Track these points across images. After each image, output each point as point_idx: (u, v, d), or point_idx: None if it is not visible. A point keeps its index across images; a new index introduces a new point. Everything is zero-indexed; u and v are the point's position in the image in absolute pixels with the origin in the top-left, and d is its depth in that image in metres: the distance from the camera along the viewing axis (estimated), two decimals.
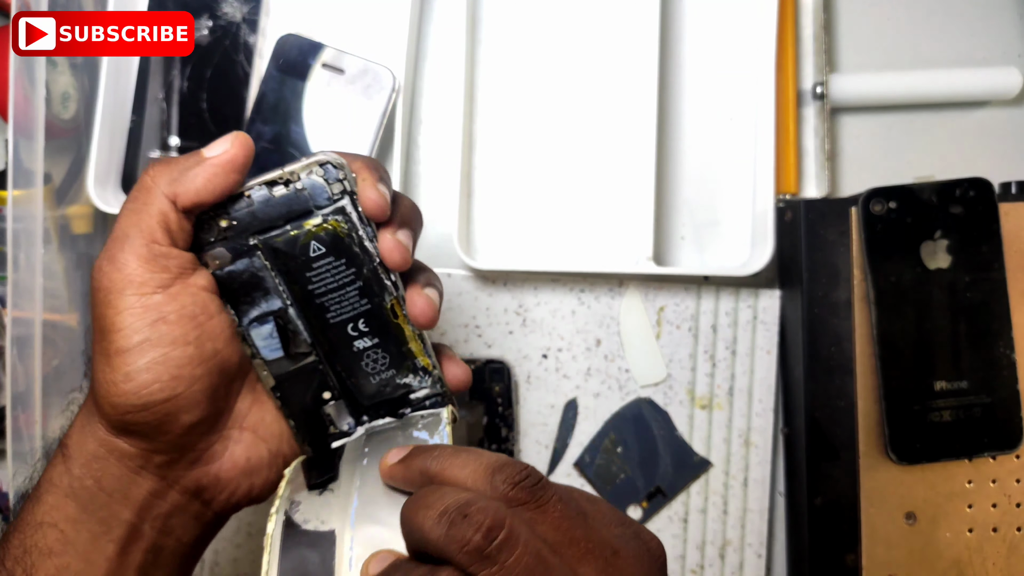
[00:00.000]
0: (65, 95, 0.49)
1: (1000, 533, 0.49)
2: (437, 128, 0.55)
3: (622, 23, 0.55)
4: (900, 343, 0.48)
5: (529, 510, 0.26)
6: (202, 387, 0.31)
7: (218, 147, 0.32)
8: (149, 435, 0.31)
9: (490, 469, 0.27)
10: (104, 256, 0.31)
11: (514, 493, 0.26)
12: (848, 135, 0.56)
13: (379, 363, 0.35)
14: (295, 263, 0.33)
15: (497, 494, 0.26)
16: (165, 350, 0.30)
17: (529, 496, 0.26)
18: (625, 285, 0.54)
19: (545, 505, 0.26)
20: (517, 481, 0.26)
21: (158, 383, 0.30)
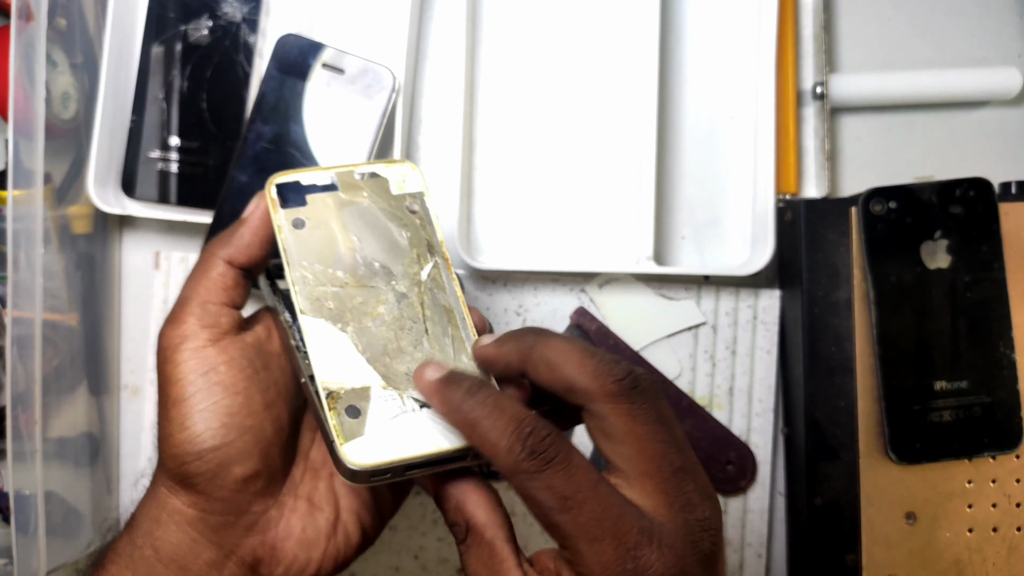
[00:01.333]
0: (65, 95, 0.49)
1: (1000, 533, 0.49)
2: (437, 128, 0.55)
3: (622, 23, 0.55)
4: (900, 343, 0.48)
5: (652, 396, 0.29)
6: (253, 438, 0.33)
7: (251, 206, 0.35)
8: (205, 488, 0.32)
9: (594, 358, 0.29)
10: (166, 319, 0.34)
11: (644, 380, 0.29)
12: (848, 135, 0.56)
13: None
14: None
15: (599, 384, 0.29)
16: (216, 398, 0.32)
17: (652, 387, 0.29)
18: (625, 285, 0.54)
19: (661, 401, 0.29)
20: (647, 375, 0.29)
21: (209, 430, 0.32)
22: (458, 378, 0.30)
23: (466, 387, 0.30)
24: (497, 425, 0.28)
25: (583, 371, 0.29)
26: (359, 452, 0.30)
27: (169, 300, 0.54)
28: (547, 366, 0.30)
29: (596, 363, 0.29)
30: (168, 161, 0.52)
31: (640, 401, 0.29)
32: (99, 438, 0.53)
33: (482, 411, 0.29)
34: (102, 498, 0.53)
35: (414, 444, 0.30)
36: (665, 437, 0.29)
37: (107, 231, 0.54)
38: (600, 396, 0.28)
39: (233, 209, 0.50)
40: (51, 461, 0.47)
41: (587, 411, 0.29)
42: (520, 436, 0.28)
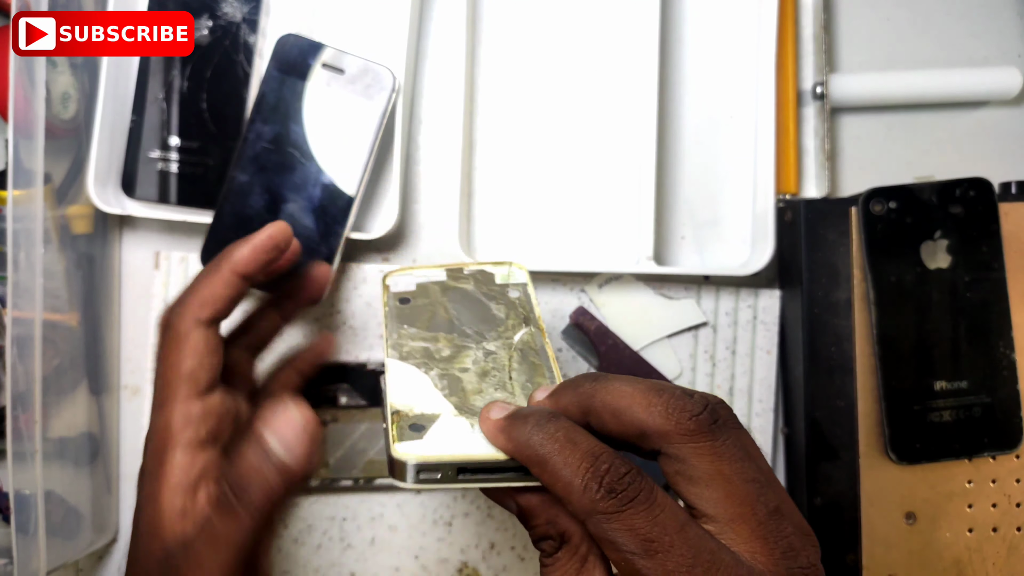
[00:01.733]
0: (65, 95, 0.49)
1: (1000, 533, 0.49)
2: (437, 128, 0.55)
3: (622, 23, 0.55)
4: (900, 343, 0.48)
5: (733, 426, 0.27)
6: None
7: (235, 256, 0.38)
8: None
9: (662, 395, 0.27)
10: (154, 403, 0.37)
11: (720, 409, 0.27)
12: (848, 135, 0.56)
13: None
14: None
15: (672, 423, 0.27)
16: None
17: (731, 417, 0.27)
18: (625, 285, 0.54)
19: (743, 430, 0.27)
20: (720, 401, 0.27)
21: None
22: (525, 413, 0.28)
23: (534, 421, 0.28)
24: (570, 461, 0.26)
25: (653, 411, 0.26)
26: (409, 447, 0.29)
27: (169, 300, 0.54)
28: (612, 413, 0.27)
29: (667, 400, 0.26)
30: (168, 161, 0.52)
31: (723, 436, 0.26)
32: (99, 438, 0.53)
33: (552, 446, 0.27)
34: (102, 498, 0.53)
35: (467, 448, 0.29)
36: (755, 475, 0.26)
37: (107, 231, 0.54)
38: (677, 436, 0.26)
39: (233, 209, 0.51)
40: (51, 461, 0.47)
41: (664, 455, 0.27)
42: (596, 473, 0.25)
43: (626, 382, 0.28)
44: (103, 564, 0.55)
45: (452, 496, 0.54)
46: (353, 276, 0.54)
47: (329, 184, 0.50)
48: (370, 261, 0.55)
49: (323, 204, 0.50)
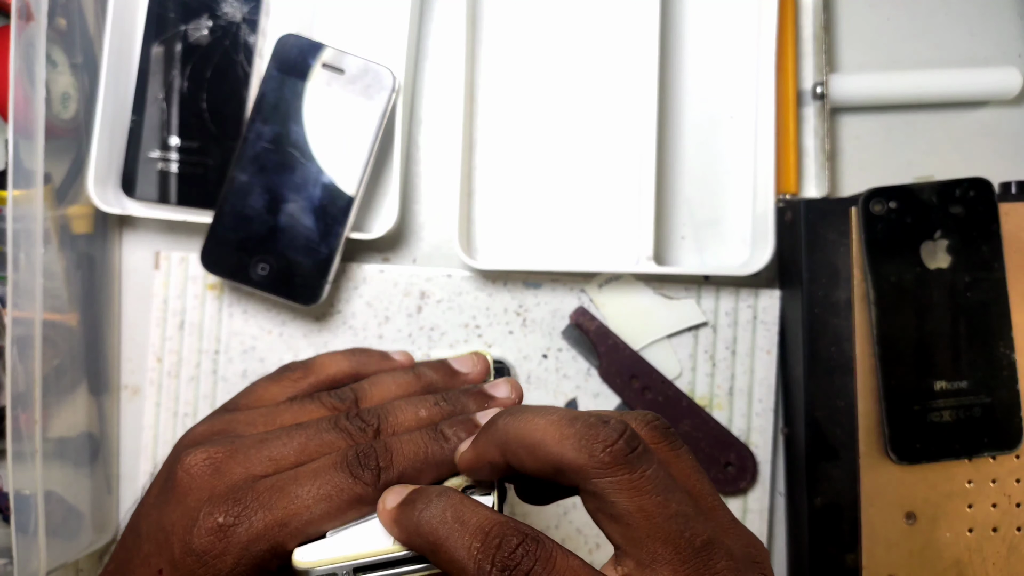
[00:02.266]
0: (65, 95, 0.49)
1: (1000, 533, 0.49)
2: (437, 128, 0.55)
3: (622, 23, 0.55)
4: (900, 343, 0.48)
5: (661, 451, 0.25)
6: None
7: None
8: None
9: (574, 425, 0.25)
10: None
11: (647, 431, 0.25)
12: (848, 135, 0.56)
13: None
14: None
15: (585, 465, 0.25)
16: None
17: (662, 437, 0.26)
18: (625, 285, 0.54)
19: (678, 450, 0.26)
20: (649, 420, 0.26)
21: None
22: (416, 495, 0.26)
23: (422, 503, 0.25)
24: (460, 543, 0.24)
25: (566, 444, 0.24)
26: (305, 554, 0.27)
27: (169, 300, 0.54)
28: (527, 450, 0.25)
29: (579, 431, 0.24)
30: (168, 161, 0.52)
31: (643, 467, 0.24)
32: (99, 438, 0.53)
33: (442, 529, 0.24)
34: (102, 498, 0.53)
35: (366, 545, 0.27)
36: (679, 508, 0.24)
37: (107, 231, 0.54)
38: (592, 470, 0.24)
39: (233, 209, 0.51)
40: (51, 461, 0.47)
41: (583, 492, 0.25)
42: (487, 551, 0.23)
43: (539, 413, 0.25)
44: (103, 564, 0.55)
45: None
46: (353, 276, 0.54)
47: (329, 184, 0.50)
48: (370, 261, 0.55)
49: (323, 204, 0.50)
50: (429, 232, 0.55)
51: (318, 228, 0.51)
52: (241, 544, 0.27)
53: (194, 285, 0.54)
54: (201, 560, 0.27)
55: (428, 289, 0.54)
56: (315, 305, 0.51)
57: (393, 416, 0.32)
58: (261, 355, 0.54)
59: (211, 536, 0.27)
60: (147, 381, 0.54)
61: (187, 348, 0.54)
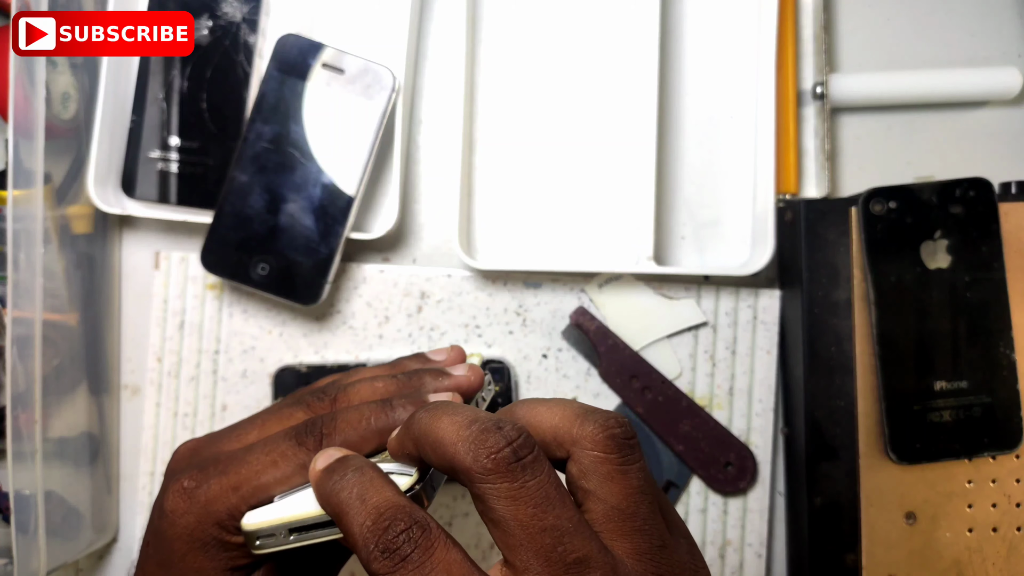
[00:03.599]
0: (65, 95, 0.49)
1: (1000, 533, 0.49)
2: (437, 128, 0.55)
3: (622, 23, 0.55)
4: (900, 343, 0.48)
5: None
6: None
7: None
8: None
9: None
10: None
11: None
12: (848, 135, 0.56)
13: None
14: None
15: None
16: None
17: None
18: (625, 285, 0.54)
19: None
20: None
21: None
22: (338, 464, 0.28)
23: (338, 473, 0.27)
24: (357, 519, 0.25)
25: (459, 446, 0.25)
26: (251, 517, 0.30)
27: (169, 300, 0.54)
28: (431, 447, 0.26)
29: (472, 433, 0.25)
30: (168, 161, 0.52)
31: (524, 477, 0.24)
32: (99, 438, 0.53)
33: (346, 502, 0.26)
34: (102, 498, 0.53)
35: (300, 508, 0.29)
36: (555, 522, 0.24)
37: (107, 231, 0.54)
38: (476, 474, 0.24)
39: (233, 209, 0.51)
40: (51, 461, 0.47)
41: (471, 493, 0.25)
42: (376, 531, 0.24)
43: (448, 412, 0.26)
44: (103, 564, 0.55)
45: (451, 496, 0.54)
46: (353, 276, 0.54)
47: (329, 184, 0.50)
48: (370, 261, 0.55)
49: (323, 204, 0.50)
50: (429, 232, 0.55)
51: (318, 228, 0.51)
52: (200, 504, 0.30)
53: (194, 285, 0.54)
54: (170, 520, 0.30)
55: (428, 289, 0.54)
56: (315, 305, 0.51)
57: (352, 389, 0.34)
58: (261, 355, 0.54)
59: (177, 497, 0.30)
60: (147, 381, 0.54)
61: (187, 348, 0.54)
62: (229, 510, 0.30)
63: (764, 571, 0.53)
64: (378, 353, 0.54)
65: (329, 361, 0.53)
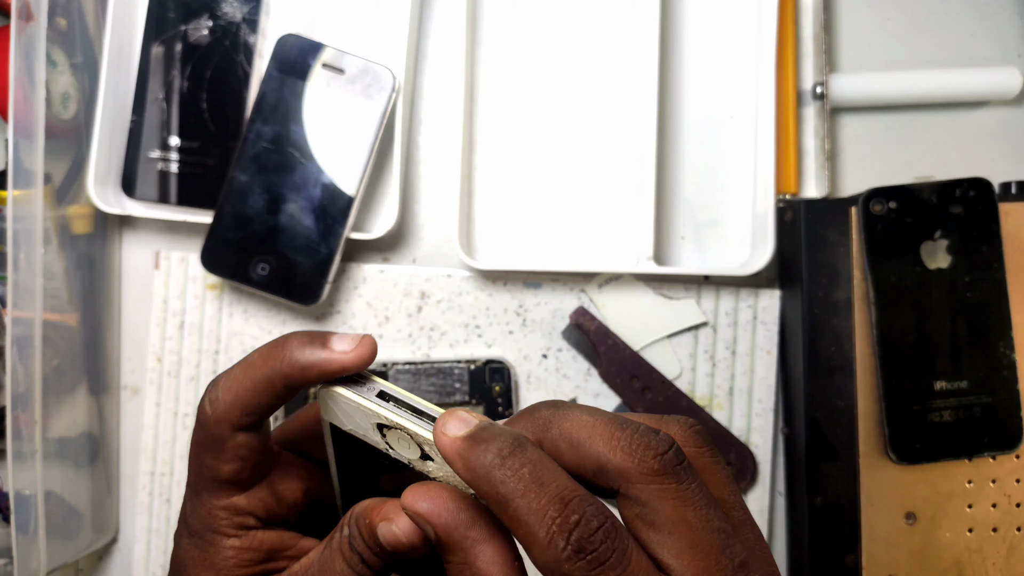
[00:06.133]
0: (65, 95, 0.49)
1: (1000, 533, 0.49)
2: (437, 128, 0.55)
3: (622, 23, 0.55)
4: (900, 343, 0.48)
5: (703, 457, 0.25)
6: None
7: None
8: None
9: (626, 430, 0.25)
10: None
11: (690, 434, 0.25)
12: (848, 135, 0.56)
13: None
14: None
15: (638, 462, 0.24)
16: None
17: (704, 443, 0.25)
18: (625, 285, 0.54)
19: (716, 459, 0.25)
20: (692, 424, 0.25)
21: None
22: (490, 435, 0.24)
23: (496, 449, 0.24)
24: (535, 506, 0.22)
25: (616, 445, 0.24)
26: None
27: (169, 300, 0.54)
28: (569, 443, 0.24)
29: (631, 436, 0.24)
30: (168, 161, 0.52)
31: (688, 479, 0.23)
32: (99, 438, 0.53)
33: (516, 485, 0.23)
34: (102, 498, 0.53)
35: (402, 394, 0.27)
36: (721, 524, 0.23)
37: (107, 231, 0.54)
38: (639, 475, 0.23)
39: (233, 209, 0.51)
40: (51, 461, 0.47)
41: (623, 496, 0.24)
42: (565, 525, 0.22)
43: (588, 412, 0.25)
44: (103, 564, 0.55)
45: None
46: (353, 276, 0.54)
47: (329, 184, 0.50)
48: (370, 261, 0.55)
49: (323, 204, 0.50)
50: (429, 232, 0.55)
51: (318, 228, 0.51)
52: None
53: (194, 285, 0.54)
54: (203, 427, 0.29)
55: (428, 289, 0.54)
56: (315, 305, 0.51)
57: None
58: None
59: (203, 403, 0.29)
60: (147, 381, 0.54)
61: (187, 348, 0.54)
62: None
63: None
64: (378, 353, 0.54)
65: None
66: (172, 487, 0.54)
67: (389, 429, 0.27)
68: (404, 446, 0.27)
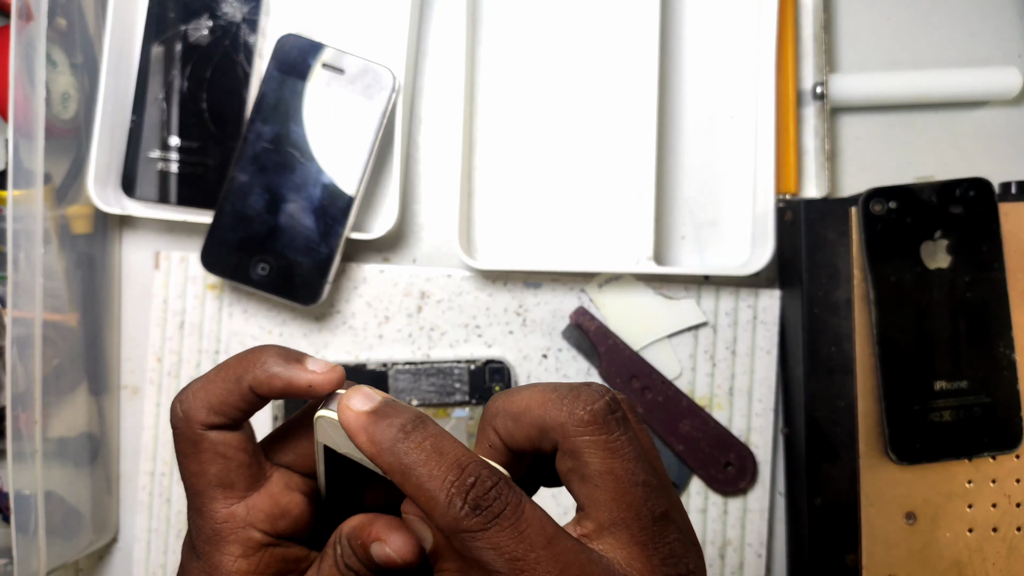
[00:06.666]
0: (65, 95, 0.49)
1: (1000, 533, 0.49)
2: (437, 128, 0.55)
3: (622, 23, 0.55)
4: (900, 343, 0.48)
5: (631, 421, 0.26)
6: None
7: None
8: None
9: (559, 389, 0.26)
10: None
11: (584, 415, 0.25)
12: (848, 135, 0.56)
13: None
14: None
15: (575, 420, 0.25)
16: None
17: (630, 409, 0.26)
18: (625, 285, 0.54)
19: (641, 424, 0.26)
20: (591, 403, 0.25)
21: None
22: (393, 410, 0.25)
23: (400, 423, 0.25)
24: (435, 473, 0.24)
25: (549, 405, 0.25)
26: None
27: (169, 300, 0.54)
28: (512, 418, 0.26)
29: (563, 392, 0.25)
30: (168, 161, 0.52)
31: (620, 431, 0.25)
32: (99, 438, 0.53)
33: (418, 455, 0.24)
34: (102, 498, 0.53)
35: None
36: (646, 477, 0.25)
37: (107, 231, 0.54)
38: (572, 427, 0.25)
39: (233, 209, 0.51)
40: (51, 461, 0.47)
41: (560, 452, 0.25)
42: (462, 487, 0.23)
43: (528, 387, 0.26)
44: (103, 564, 0.55)
45: None
46: (353, 276, 0.54)
47: (329, 184, 0.50)
48: (370, 261, 0.55)
49: (323, 204, 0.50)
50: (429, 232, 0.55)
51: (318, 228, 0.51)
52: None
53: (194, 285, 0.54)
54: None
55: (428, 289, 0.54)
56: (315, 305, 0.51)
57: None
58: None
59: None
60: (147, 381, 0.54)
61: (187, 348, 0.54)
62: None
63: (764, 571, 0.53)
64: (378, 353, 0.54)
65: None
66: (172, 487, 0.54)
67: None
68: None
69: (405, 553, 0.26)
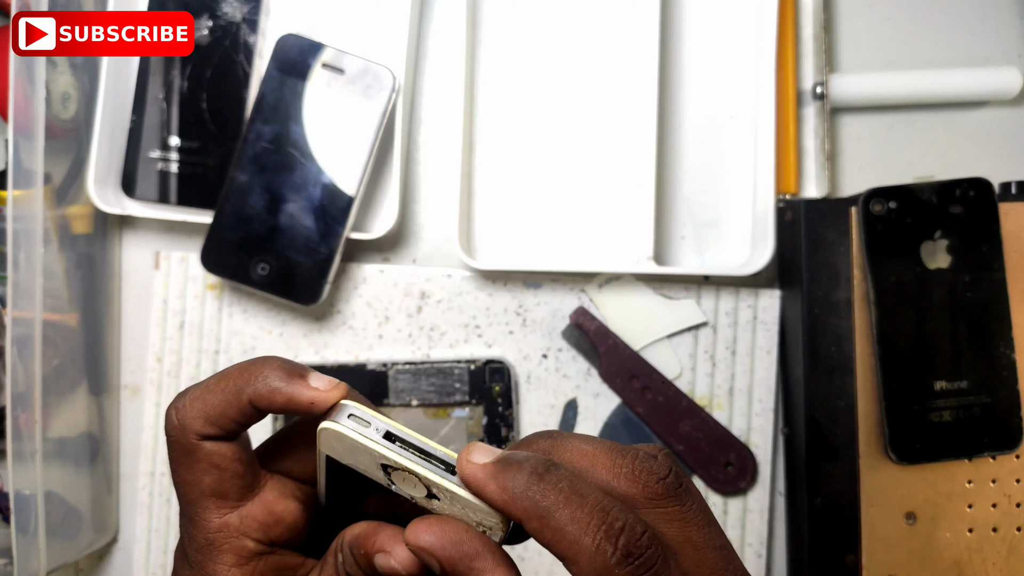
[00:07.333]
0: (65, 95, 0.49)
1: (1000, 533, 0.49)
2: (437, 128, 0.55)
3: (622, 23, 0.55)
4: (900, 343, 0.48)
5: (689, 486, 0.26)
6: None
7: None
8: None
9: (626, 456, 0.25)
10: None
11: (659, 488, 0.25)
12: (848, 135, 0.56)
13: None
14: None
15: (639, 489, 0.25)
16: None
17: (683, 473, 0.26)
18: (625, 285, 0.54)
19: (693, 486, 0.26)
20: (663, 476, 0.25)
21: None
22: (521, 457, 0.25)
23: (531, 468, 0.24)
24: (577, 516, 0.23)
25: (618, 472, 0.25)
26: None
27: (169, 300, 0.54)
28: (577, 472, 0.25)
29: (632, 462, 0.25)
30: (168, 161, 0.52)
31: (689, 501, 0.25)
32: (99, 438, 0.53)
33: (556, 497, 0.23)
34: (102, 498, 0.53)
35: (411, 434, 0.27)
36: (722, 542, 0.25)
37: (107, 231, 0.54)
38: (645, 501, 0.24)
39: (233, 209, 0.51)
40: (51, 461, 0.47)
41: None
42: (611, 532, 0.22)
43: (586, 441, 0.26)
44: (103, 564, 0.55)
45: None
46: (353, 276, 0.54)
47: (329, 184, 0.50)
48: (370, 261, 0.55)
49: (323, 204, 0.50)
50: (429, 232, 0.55)
51: (318, 228, 0.51)
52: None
53: (194, 285, 0.54)
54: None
55: (428, 289, 0.54)
56: (315, 305, 0.51)
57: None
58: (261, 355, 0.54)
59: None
60: (147, 381, 0.54)
61: (187, 348, 0.54)
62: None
63: (764, 571, 0.53)
64: (378, 353, 0.54)
65: (329, 361, 0.53)
66: (172, 487, 0.54)
67: (395, 470, 0.27)
68: (410, 485, 0.27)
69: (410, 566, 0.26)
